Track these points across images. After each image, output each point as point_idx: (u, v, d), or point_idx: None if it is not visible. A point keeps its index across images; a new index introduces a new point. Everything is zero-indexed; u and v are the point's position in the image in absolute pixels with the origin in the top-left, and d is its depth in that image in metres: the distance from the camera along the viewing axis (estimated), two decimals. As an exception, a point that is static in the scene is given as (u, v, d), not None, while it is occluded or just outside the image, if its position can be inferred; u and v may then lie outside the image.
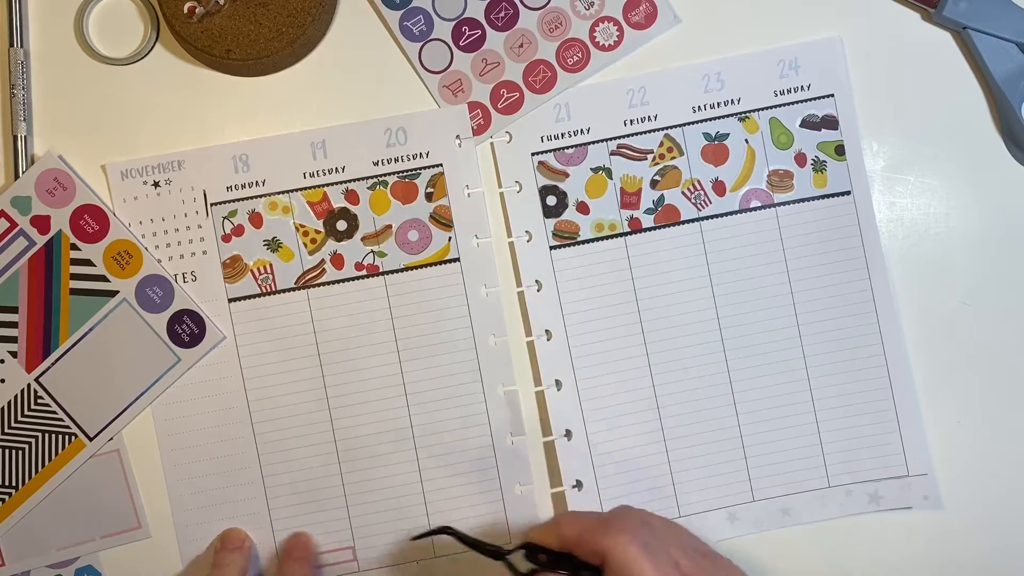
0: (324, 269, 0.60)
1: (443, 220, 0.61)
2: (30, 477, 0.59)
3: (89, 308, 0.59)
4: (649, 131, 0.61)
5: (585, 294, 0.61)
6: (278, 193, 0.60)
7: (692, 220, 0.61)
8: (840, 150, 0.60)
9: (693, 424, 0.61)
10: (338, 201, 0.60)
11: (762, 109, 0.60)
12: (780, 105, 0.60)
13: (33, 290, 0.59)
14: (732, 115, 0.60)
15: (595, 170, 0.61)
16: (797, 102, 0.60)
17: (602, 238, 0.62)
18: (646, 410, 0.62)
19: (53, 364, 0.59)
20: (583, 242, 0.62)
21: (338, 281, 0.60)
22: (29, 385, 0.59)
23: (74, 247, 0.59)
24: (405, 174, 0.61)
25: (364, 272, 0.60)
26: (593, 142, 0.61)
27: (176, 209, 0.60)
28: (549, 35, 0.60)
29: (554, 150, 0.62)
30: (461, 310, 0.60)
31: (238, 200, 0.60)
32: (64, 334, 0.59)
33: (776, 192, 0.60)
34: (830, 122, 0.60)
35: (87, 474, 0.59)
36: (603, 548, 0.47)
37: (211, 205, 0.60)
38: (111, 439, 0.60)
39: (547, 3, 0.60)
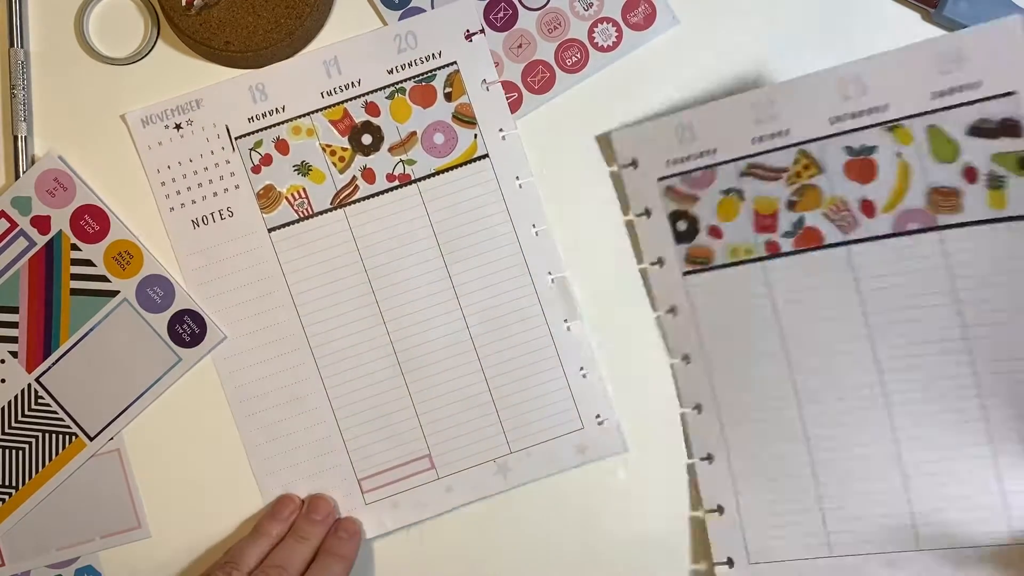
0: (357, 186, 0.60)
1: (466, 118, 0.60)
2: (30, 477, 0.59)
3: (90, 308, 0.59)
4: (781, 148, 0.55)
5: (723, 319, 0.58)
6: (299, 117, 0.60)
7: (839, 244, 0.54)
8: None
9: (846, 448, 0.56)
10: (359, 116, 0.60)
11: (916, 116, 0.52)
12: (940, 109, 0.52)
13: (34, 290, 0.59)
14: (878, 124, 0.53)
15: (725, 192, 0.56)
16: (963, 104, 0.51)
17: (738, 263, 0.57)
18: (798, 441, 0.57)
19: (54, 364, 0.59)
20: (719, 267, 0.57)
21: (372, 195, 0.60)
22: (30, 385, 0.59)
23: (74, 247, 0.59)
24: (421, 78, 0.59)
25: (396, 183, 0.60)
26: (721, 163, 0.56)
27: (202, 148, 0.59)
28: (548, 35, 0.59)
29: (680, 174, 0.57)
30: (498, 205, 0.59)
31: (262, 130, 0.60)
32: (65, 334, 0.59)
33: (939, 213, 0.51)
34: (1011, 128, 0.50)
35: (87, 474, 0.60)
36: None
37: (236, 139, 0.60)
38: (111, 439, 0.60)
39: (546, 3, 0.59)
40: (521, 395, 0.59)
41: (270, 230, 0.60)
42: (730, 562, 0.59)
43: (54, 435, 0.59)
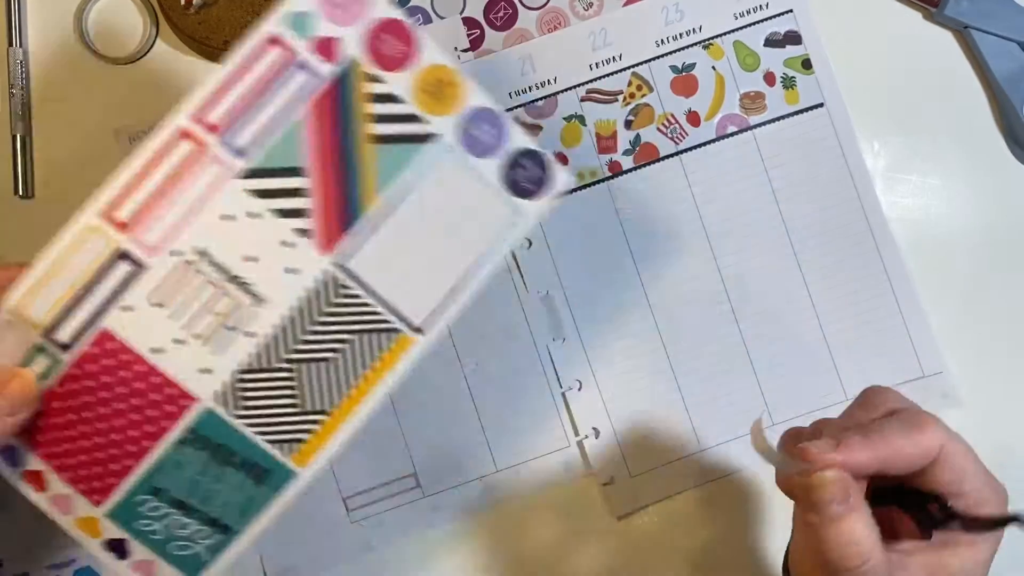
0: None
1: None
2: (346, 394, 0.43)
3: (399, 159, 0.43)
4: (616, 72, 0.61)
5: (576, 244, 0.60)
6: None
7: (671, 155, 0.61)
8: (807, 64, 0.62)
9: (702, 358, 0.61)
10: None
11: (724, 34, 0.62)
12: (741, 27, 0.62)
13: (322, 143, 0.43)
14: (696, 44, 0.62)
15: (568, 119, 0.61)
16: (758, 22, 0.62)
17: (584, 186, 0.60)
18: (654, 351, 0.61)
19: (358, 241, 0.43)
20: (567, 193, 0.59)
21: None
22: (328, 271, 0.43)
23: (373, 79, 0.43)
24: None
25: None
26: (562, 91, 0.61)
27: None
28: (548, 35, 0.60)
29: (524, 104, 0.61)
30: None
31: None
32: (368, 198, 0.43)
33: (750, 115, 0.61)
34: (793, 37, 0.62)
35: None
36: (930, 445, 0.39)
37: None
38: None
39: (546, 3, 0.60)
40: (508, 412, 0.59)
41: None
42: (612, 481, 0.60)
43: (369, 335, 0.44)
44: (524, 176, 0.45)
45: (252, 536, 0.42)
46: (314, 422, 0.43)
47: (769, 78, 0.61)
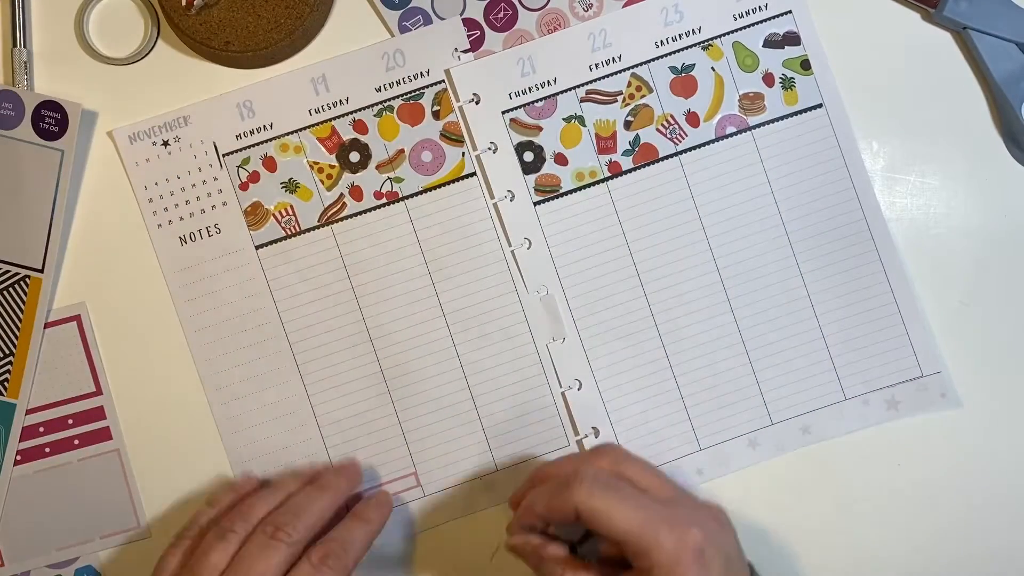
0: (344, 203, 0.60)
1: (454, 136, 0.61)
2: (15, 340, 0.59)
3: None
4: (616, 72, 0.61)
5: (576, 244, 0.61)
6: (287, 134, 0.60)
7: (671, 155, 0.61)
8: (806, 64, 0.62)
9: (701, 357, 0.61)
10: (347, 133, 0.60)
11: (724, 35, 0.62)
12: (741, 28, 0.62)
13: None
14: (695, 45, 0.62)
15: (567, 119, 0.61)
16: (757, 23, 0.62)
17: (584, 187, 0.61)
18: (652, 350, 0.61)
19: None
20: (566, 193, 0.61)
21: (360, 213, 0.60)
22: None
23: None
24: (409, 96, 0.61)
25: (384, 200, 0.61)
26: (562, 91, 0.61)
27: (189, 165, 0.59)
28: (548, 36, 0.60)
29: (524, 105, 0.61)
30: (485, 223, 0.60)
31: (249, 147, 0.60)
32: None
33: (749, 115, 0.61)
34: (792, 38, 0.62)
35: (87, 473, 0.59)
36: (572, 507, 0.48)
37: (223, 156, 0.60)
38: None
39: (546, 4, 0.61)
40: (508, 412, 0.60)
41: (258, 247, 0.60)
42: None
43: (7, 289, 0.59)
44: (49, 123, 0.57)
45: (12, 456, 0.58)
46: (8, 363, 0.58)
47: (768, 79, 0.61)
